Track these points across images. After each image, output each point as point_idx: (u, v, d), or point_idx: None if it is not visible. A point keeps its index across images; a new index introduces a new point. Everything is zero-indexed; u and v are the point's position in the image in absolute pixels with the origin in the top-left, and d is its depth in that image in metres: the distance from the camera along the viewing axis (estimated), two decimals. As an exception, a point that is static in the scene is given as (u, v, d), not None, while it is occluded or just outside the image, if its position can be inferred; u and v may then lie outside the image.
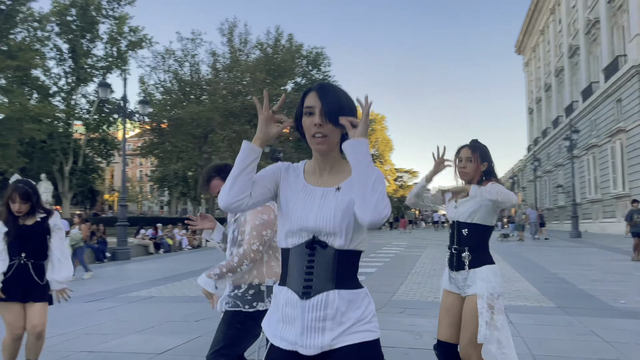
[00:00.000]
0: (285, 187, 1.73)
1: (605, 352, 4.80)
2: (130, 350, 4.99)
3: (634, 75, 27.38)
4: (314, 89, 1.71)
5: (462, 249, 2.96)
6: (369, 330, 1.61)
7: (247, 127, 34.03)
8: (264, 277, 2.81)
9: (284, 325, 1.64)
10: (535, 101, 60.22)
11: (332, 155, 1.73)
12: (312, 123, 1.65)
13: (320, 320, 1.57)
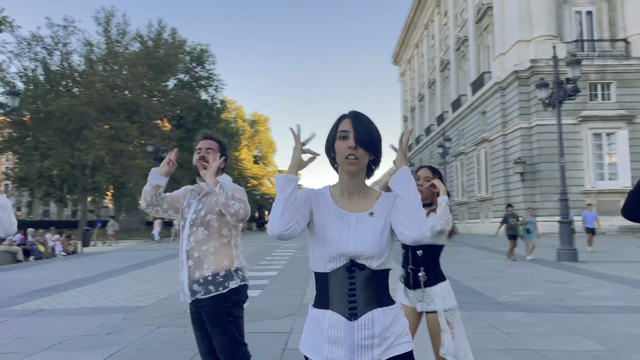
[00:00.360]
0: (319, 213, 1.79)
1: (508, 343, 5.28)
2: None
3: (496, 91, 30.51)
4: (349, 116, 1.81)
5: (418, 269, 3.10)
6: (408, 342, 1.74)
7: (126, 123, 31.98)
8: (234, 259, 2.80)
9: (330, 347, 1.69)
10: (409, 110, 64.43)
11: (359, 179, 1.83)
12: (347, 146, 1.75)
13: (369, 338, 1.67)
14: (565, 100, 15.17)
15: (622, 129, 26.87)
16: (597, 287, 9.35)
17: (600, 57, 27.56)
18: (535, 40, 28.05)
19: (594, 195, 26.38)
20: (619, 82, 27.24)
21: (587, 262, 13.76)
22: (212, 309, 2.68)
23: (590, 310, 7.06)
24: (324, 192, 1.87)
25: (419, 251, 3.09)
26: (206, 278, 2.72)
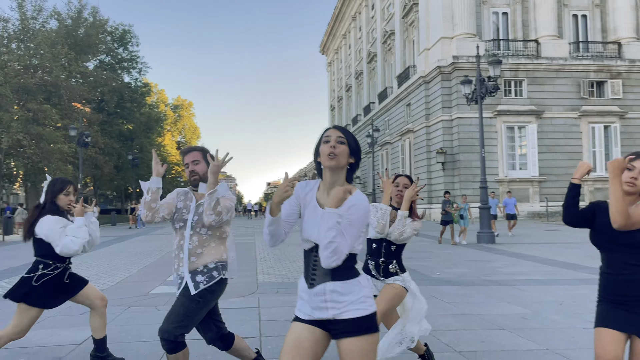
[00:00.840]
0: (304, 205, 2.28)
1: (450, 309, 6.07)
2: (44, 344, 4.59)
3: (421, 85, 32.13)
4: (332, 127, 2.26)
5: (390, 261, 3.61)
6: (359, 309, 2.13)
7: (46, 106, 30.24)
8: (222, 254, 3.21)
9: (303, 304, 2.25)
10: (337, 99, 65.68)
11: (338, 177, 2.21)
12: (329, 146, 2.17)
13: (322, 302, 2.17)
14: (486, 96, 16.52)
15: (532, 123, 29.37)
16: (515, 264, 10.56)
17: (514, 55, 29.84)
18: (457, 38, 29.81)
19: (507, 183, 28.70)
20: (530, 80, 29.69)
21: (503, 244, 15.23)
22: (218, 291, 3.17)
23: (512, 283, 8.10)
24: (313, 186, 2.31)
25: (392, 246, 3.60)
26: (208, 267, 3.12)
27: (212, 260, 3.14)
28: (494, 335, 4.85)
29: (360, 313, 2.11)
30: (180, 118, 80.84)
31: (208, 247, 3.14)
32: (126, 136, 47.86)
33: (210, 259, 3.14)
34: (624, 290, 2.39)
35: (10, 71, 29.00)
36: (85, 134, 28.26)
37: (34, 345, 4.64)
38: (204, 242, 3.13)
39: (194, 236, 3.13)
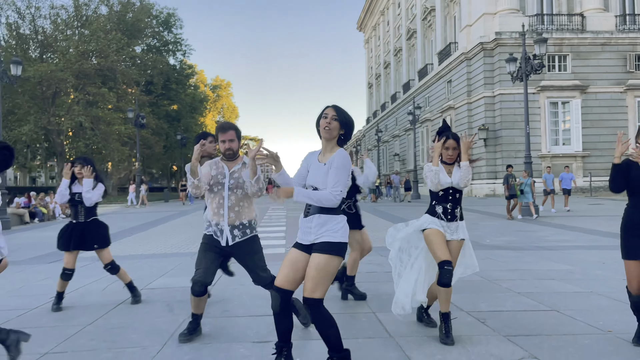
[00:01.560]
0: (309, 165, 3.15)
1: (506, 266, 7.02)
2: (172, 285, 5.82)
3: (462, 61, 32.33)
4: (331, 106, 3.11)
5: (456, 207, 4.22)
6: (331, 236, 2.94)
7: (104, 89, 32.06)
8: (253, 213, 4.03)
9: (299, 231, 3.10)
10: (374, 77, 65.85)
11: (331, 143, 3.09)
12: (325, 121, 3.04)
13: (309, 228, 3.01)
14: (531, 74, 16.99)
15: (576, 98, 29.31)
16: (560, 234, 11.34)
17: (558, 30, 29.67)
18: (499, 13, 29.82)
19: (549, 159, 28.91)
20: (575, 54, 29.52)
21: (546, 217, 15.90)
22: (249, 245, 3.90)
23: (558, 248, 8.94)
24: (316, 151, 3.19)
25: (457, 194, 4.18)
26: (244, 224, 3.86)
27: (246, 218, 3.89)
28: (545, 283, 5.80)
29: (329, 239, 2.92)
30: (219, 98, 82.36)
31: (242, 206, 3.86)
32: (172, 117, 49.76)
33: (245, 217, 3.88)
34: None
35: (71, 57, 30.82)
36: (140, 115, 29.93)
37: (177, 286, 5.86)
38: (239, 202, 3.84)
39: (232, 196, 3.83)
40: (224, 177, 3.84)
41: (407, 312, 3.90)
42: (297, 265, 2.98)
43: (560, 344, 3.58)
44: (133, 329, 4.14)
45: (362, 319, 4.40)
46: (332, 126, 3.01)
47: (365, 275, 6.48)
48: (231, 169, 3.86)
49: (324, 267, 2.88)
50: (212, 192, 3.87)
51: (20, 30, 32.66)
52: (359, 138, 74.84)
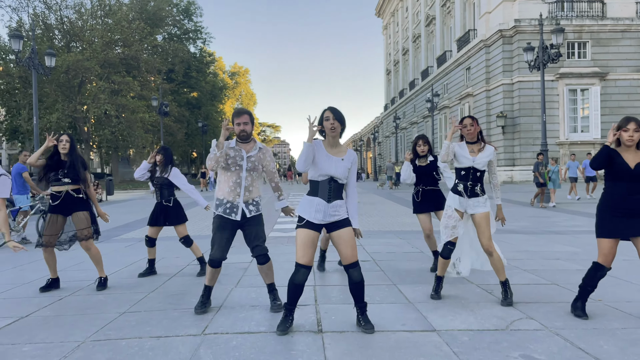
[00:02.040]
0: (318, 154, 3.73)
1: (517, 247, 7.60)
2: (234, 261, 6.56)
3: (481, 48, 32.45)
4: (328, 109, 3.78)
5: (476, 184, 4.76)
6: (345, 215, 3.79)
7: (129, 78, 32.97)
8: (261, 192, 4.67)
9: (316, 213, 3.71)
10: (393, 63, 65.80)
11: (337, 140, 3.82)
12: (329, 124, 3.73)
13: (333, 211, 3.72)
14: (548, 64, 17.29)
15: (595, 85, 29.33)
16: (572, 220, 11.84)
17: (578, 17, 29.62)
18: (519, 1, 29.83)
19: (567, 146, 29.08)
20: (594, 41, 29.47)
21: (562, 203, 16.32)
22: (257, 219, 4.39)
23: (568, 233, 9.48)
24: (320, 143, 3.77)
25: (478, 173, 4.72)
26: (256, 201, 4.40)
27: (257, 196, 4.43)
28: (551, 262, 6.39)
29: (345, 216, 3.78)
30: (237, 85, 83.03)
31: (254, 186, 4.38)
32: (193, 104, 50.68)
33: (255, 195, 4.41)
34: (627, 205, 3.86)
35: (97, 47, 31.74)
36: (164, 103, 30.78)
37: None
38: (254, 182, 4.37)
39: (248, 177, 4.33)
40: (242, 160, 4.30)
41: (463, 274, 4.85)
42: (315, 244, 3.69)
43: (554, 309, 4.19)
44: (191, 295, 4.87)
45: (385, 289, 5.06)
46: (336, 125, 3.71)
47: (385, 255, 7.12)
48: (248, 153, 4.34)
49: (353, 235, 3.76)
50: (228, 170, 4.30)
51: (47, 20, 33.65)
52: (376, 125, 75.03)
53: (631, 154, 3.90)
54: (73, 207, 5.24)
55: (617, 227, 3.89)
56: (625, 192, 3.87)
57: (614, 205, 3.92)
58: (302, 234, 3.68)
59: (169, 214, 5.95)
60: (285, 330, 3.66)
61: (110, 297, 4.90)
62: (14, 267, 6.79)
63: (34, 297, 5.02)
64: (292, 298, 3.72)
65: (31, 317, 4.26)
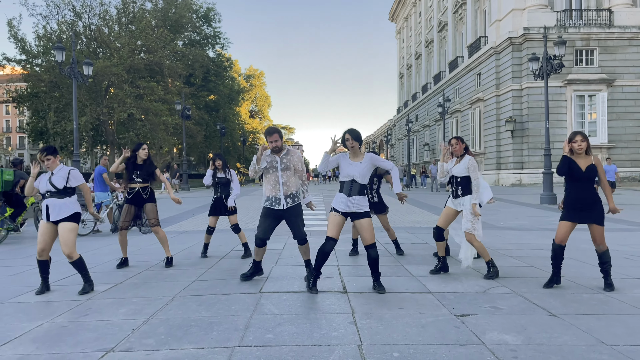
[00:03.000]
0: (343, 163, 5.08)
1: (513, 242, 8.80)
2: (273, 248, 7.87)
3: (492, 55, 33.52)
4: (348, 131, 5.09)
5: (458, 187, 6.09)
6: (365, 208, 5.07)
7: (153, 83, 34.58)
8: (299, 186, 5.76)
9: (340, 203, 5.04)
10: (406, 67, 66.91)
11: (356, 151, 5.08)
12: (349, 144, 5.07)
13: (352, 203, 5.01)
14: (552, 73, 18.40)
15: (603, 91, 30.27)
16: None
17: (586, 25, 30.59)
18: (528, 9, 30.89)
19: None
20: (602, 49, 30.42)
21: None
22: (296, 210, 5.49)
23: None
24: (345, 154, 5.08)
25: (459, 179, 6.02)
26: (293, 194, 5.45)
27: (295, 189, 5.49)
28: (534, 252, 7.61)
29: (365, 209, 5.01)
30: (252, 87, 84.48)
31: (291, 182, 5.43)
32: (211, 107, 52.27)
33: (293, 188, 5.48)
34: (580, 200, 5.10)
35: (124, 53, 33.39)
36: (187, 107, 32.31)
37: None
38: (289, 178, 5.42)
39: (284, 175, 5.44)
40: (276, 163, 5.44)
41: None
42: (341, 224, 4.99)
43: (525, 282, 5.45)
44: (242, 270, 6.19)
45: (394, 268, 6.34)
46: (354, 144, 5.01)
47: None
48: (280, 156, 5.45)
49: (371, 224, 4.98)
50: (268, 173, 5.45)
51: (75, 28, 35.39)
52: (389, 127, 76.09)
53: (582, 160, 5.10)
54: (142, 200, 6.66)
55: (573, 215, 5.10)
56: (580, 189, 5.06)
57: (574, 200, 5.10)
58: (331, 217, 5.04)
59: (225, 206, 7.31)
60: (316, 291, 4.97)
61: (179, 272, 6.24)
62: (85, 252, 8.17)
63: (115, 272, 6.37)
64: (318, 263, 5.00)
65: (124, 284, 5.61)
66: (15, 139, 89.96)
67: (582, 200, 5.06)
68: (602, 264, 5.19)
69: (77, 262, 5.23)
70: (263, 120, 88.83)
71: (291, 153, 5.60)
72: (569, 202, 5.15)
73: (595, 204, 5.06)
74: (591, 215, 5.06)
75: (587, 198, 5.05)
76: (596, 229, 5.09)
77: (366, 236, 4.92)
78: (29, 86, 39.30)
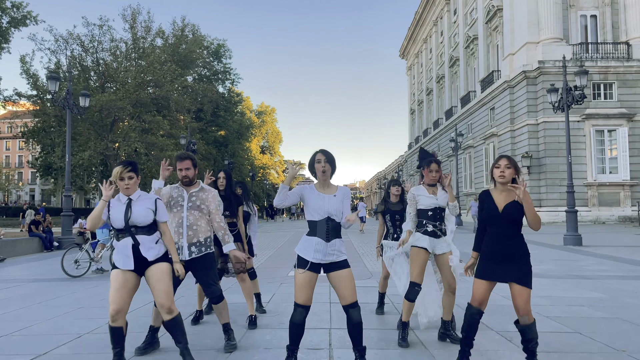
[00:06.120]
0: (309, 196, 3.80)
1: (539, 293, 7.46)
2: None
3: (505, 89, 32.54)
4: (319, 151, 3.85)
5: (442, 223, 4.77)
6: (345, 255, 3.81)
7: (159, 117, 34.02)
8: (210, 232, 4.52)
9: (315, 253, 3.71)
10: (417, 103, 66.34)
11: (327, 181, 3.86)
12: (320, 166, 3.80)
13: (332, 250, 3.73)
14: (572, 105, 17.24)
15: (623, 126, 28.97)
16: (600, 264, 11.53)
17: (603, 58, 29.58)
18: (542, 42, 30.02)
19: (595, 187, 28.54)
20: (621, 82, 29.29)
21: (589, 246, 15.94)
22: (205, 261, 4.35)
23: (595, 277, 9.24)
24: (312, 185, 3.86)
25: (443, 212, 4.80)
26: (200, 242, 4.32)
27: (202, 236, 4.36)
28: (574, 309, 6.25)
29: (345, 256, 3.80)
30: (263, 123, 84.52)
31: (199, 225, 4.33)
32: (220, 142, 51.72)
33: (201, 236, 4.35)
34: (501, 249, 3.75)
35: (130, 87, 32.97)
36: (192, 142, 31.51)
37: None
38: (197, 221, 4.34)
39: (190, 216, 4.35)
40: (183, 200, 4.34)
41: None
42: (313, 282, 3.71)
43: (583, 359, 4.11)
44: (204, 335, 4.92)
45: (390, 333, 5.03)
46: (326, 168, 3.79)
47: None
48: (190, 192, 4.38)
49: (352, 276, 3.77)
50: (171, 212, 4.35)
51: (83, 62, 35.21)
52: (400, 163, 75.04)
53: (502, 195, 3.81)
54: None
55: (488, 271, 3.77)
56: (498, 235, 3.74)
57: (491, 249, 3.78)
58: (299, 276, 3.69)
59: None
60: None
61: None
62: (39, 303, 6.96)
63: (54, 334, 5.14)
64: (293, 338, 3.74)
65: (49, 355, 4.37)
66: (27, 174, 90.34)
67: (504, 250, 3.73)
68: (526, 341, 3.82)
69: (176, 321, 3.81)
70: (274, 156, 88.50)
71: (206, 191, 4.44)
72: (488, 252, 3.80)
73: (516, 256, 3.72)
74: (510, 271, 3.71)
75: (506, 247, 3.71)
76: (518, 290, 3.74)
77: (347, 292, 3.68)
78: (39, 121, 39.02)
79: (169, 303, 3.74)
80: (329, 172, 3.80)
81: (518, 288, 3.70)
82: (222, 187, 5.43)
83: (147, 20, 41.43)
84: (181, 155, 4.45)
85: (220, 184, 5.45)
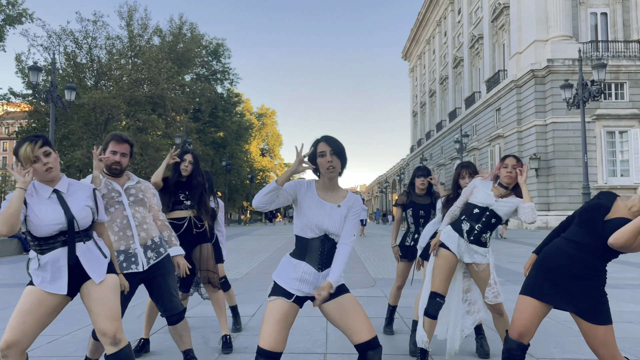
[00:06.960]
0: (305, 198, 2.64)
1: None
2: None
3: (512, 89, 31.50)
4: (323, 140, 2.64)
5: (485, 231, 3.65)
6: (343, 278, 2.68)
7: (153, 116, 33.00)
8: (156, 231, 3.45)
9: (301, 283, 2.60)
10: (419, 105, 65.33)
11: (334, 181, 2.68)
12: (326, 161, 2.58)
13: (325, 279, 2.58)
14: (588, 101, 16.19)
15: (635, 127, 27.89)
16: (625, 271, 10.46)
17: (614, 57, 28.53)
18: (551, 40, 28.99)
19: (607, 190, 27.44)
20: (632, 82, 28.23)
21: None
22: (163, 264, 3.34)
23: (626, 287, 8.16)
24: (310, 183, 2.69)
25: (493, 219, 3.63)
26: (156, 243, 3.33)
27: (155, 234, 3.39)
28: (621, 326, 5.15)
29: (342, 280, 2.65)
30: (264, 126, 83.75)
31: (149, 223, 3.36)
32: (218, 143, 50.70)
33: (154, 233, 3.38)
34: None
35: (124, 85, 31.96)
36: (187, 141, 30.50)
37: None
38: (145, 218, 3.34)
39: (136, 213, 3.31)
40: (119, 195, 3.27)
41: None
42: (289, 320, 2.54)
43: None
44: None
45: None
46: (335, 163, 2.59)
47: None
48: (124, 185, 3.33)
49: (359, 304, 2.62)
50: (108, 211, 3.21)
51: (77, 59, 34.19)
52: (402, 166, 74.01)
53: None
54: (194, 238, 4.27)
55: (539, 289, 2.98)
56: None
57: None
58: (275, 307, 2.53)
59: None
60: None
61: None
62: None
63: None
64: None
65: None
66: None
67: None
68: None
69: (123, 355, 2.62)
70: (274, 159, 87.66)
71: (141, 182, 3.45)
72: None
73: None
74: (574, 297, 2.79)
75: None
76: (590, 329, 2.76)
77: (358, 325, 2.51)
78: (33, 121, 38.01)
79: (113, 330, 2.59)
80: (337, 169, 2.62)
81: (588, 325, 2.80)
82: (185, 172, 4.26)
83: (144, 18, 40.46)
84: (120, 135, 3.35)
85: (183, 168, 4.26)
